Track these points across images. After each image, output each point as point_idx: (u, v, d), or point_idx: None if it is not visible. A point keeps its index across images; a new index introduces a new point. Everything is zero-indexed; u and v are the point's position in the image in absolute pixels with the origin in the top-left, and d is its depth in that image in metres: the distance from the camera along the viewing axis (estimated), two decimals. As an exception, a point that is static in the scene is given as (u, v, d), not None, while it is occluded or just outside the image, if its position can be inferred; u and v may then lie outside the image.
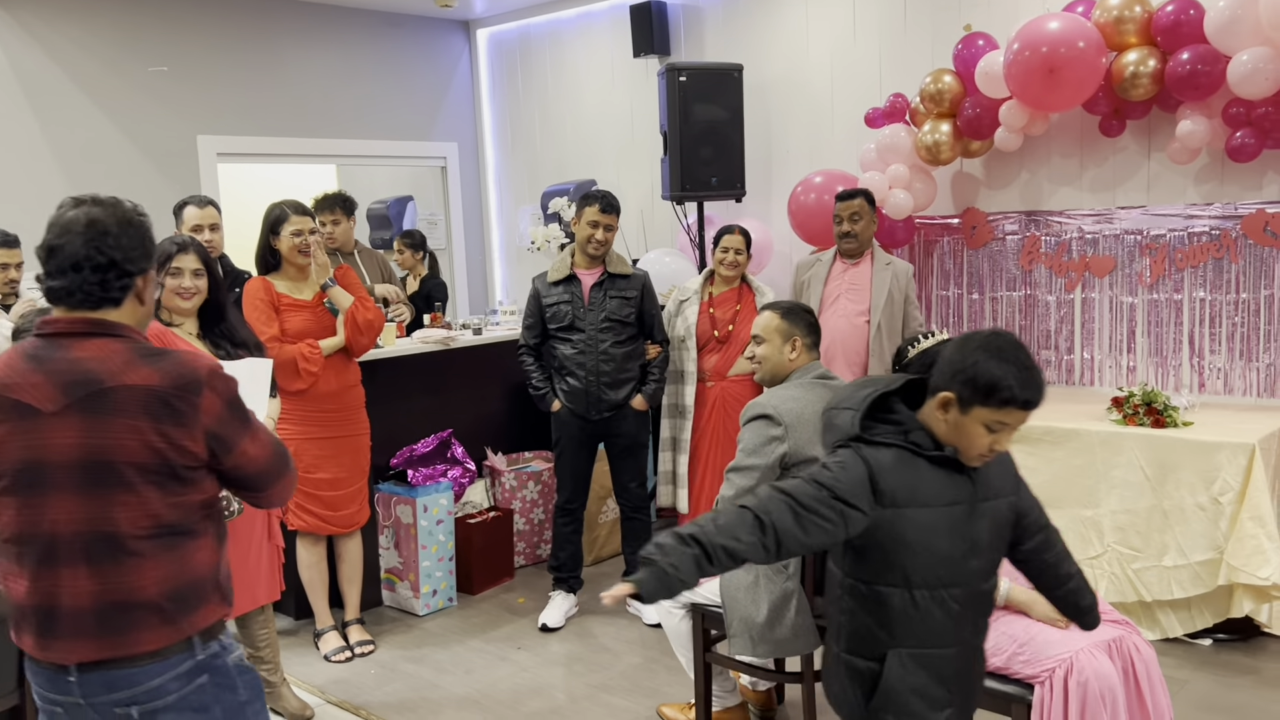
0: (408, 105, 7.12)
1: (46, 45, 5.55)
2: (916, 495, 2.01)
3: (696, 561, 1.90)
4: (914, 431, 2.04)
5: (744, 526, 1.93)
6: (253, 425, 1.95)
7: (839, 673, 2.16)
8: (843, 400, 2.13)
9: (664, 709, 3.50)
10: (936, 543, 2.01)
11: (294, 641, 4.31)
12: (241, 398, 1.93)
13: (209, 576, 1.95)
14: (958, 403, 1.97)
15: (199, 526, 1.93)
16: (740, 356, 4.40)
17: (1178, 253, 4.53)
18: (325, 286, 3.90)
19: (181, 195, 4.29)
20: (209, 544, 1.96)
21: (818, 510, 1.95)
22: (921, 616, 2.04)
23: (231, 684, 1.96)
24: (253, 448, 1.94)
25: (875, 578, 2.06)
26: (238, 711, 1.97)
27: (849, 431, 2.07)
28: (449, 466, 4.71)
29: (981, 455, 2.01)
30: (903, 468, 2.01)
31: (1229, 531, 3.72)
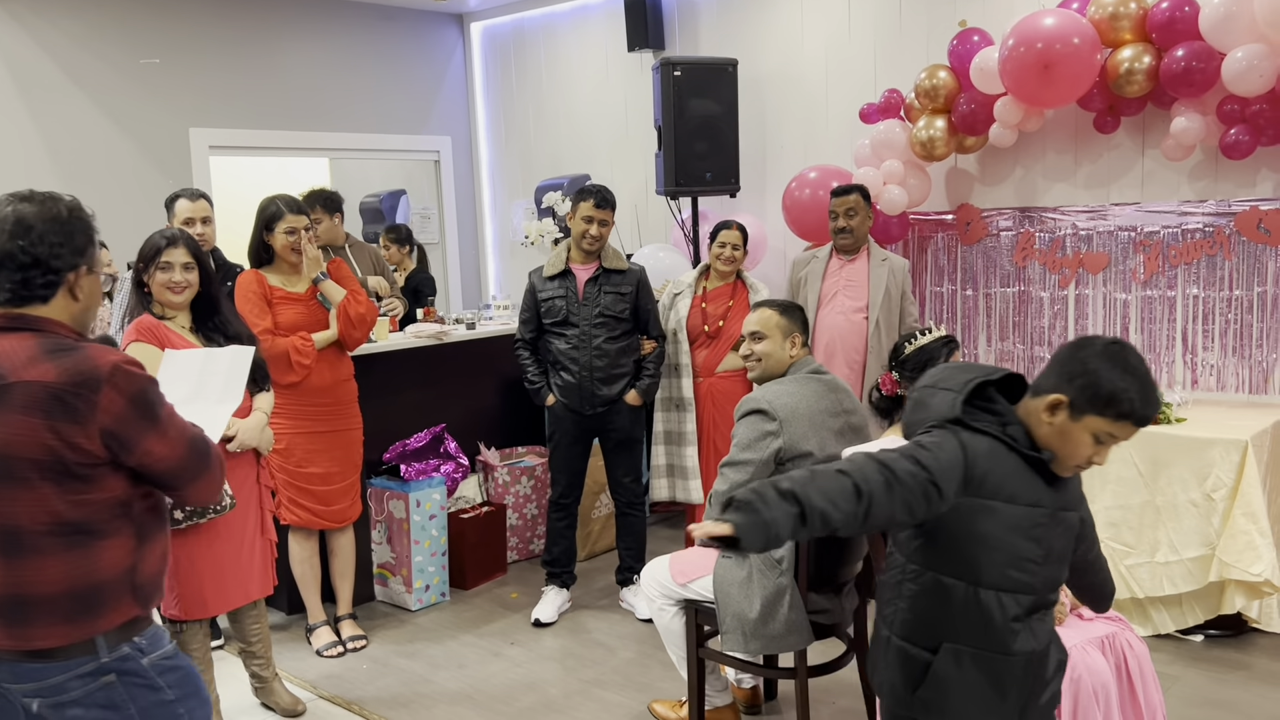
0: (401, 99, 7.10)
1: (38, 37, 5.51)
2: (1004, 490, 1.94)
3: (794, 521, 1.82)
4: (1012, 425, 1.98)
5: (844, 494, 1.85)
6: (162, 423, 1.91)
7: (889, 657, 2.11)
8: (940, 380, 2.07)
9: (655, 705, 3.50)
10: (1014, 542, 1.95)
11: (286, 636, 4.30)
12: (151, 395, 1.89)
13: (119, 577, 1.91)
14: (1069, 408, 1.91)
15: (109, 526, 1.89)
16: (729, 352, 4.41)
17: (1171, 249, 4.53)
18: (317, 281, 3.88)
19: (173, 188, 4.26)
20: (122, 544, 1.91)
21: (911, 487, 1.88)
22: (982, 616, 1.98)
23: (150, 684, 1.93)
24: (160, 446, 1.90)
25: (942, 567, 2.00)
26: (161, 710, 1.94)
27: (947, 413, 1.99)
28: (442, 461, 4.70)
29: (1079, 465, 1.96)
30: (996, 460, 1.95)
31: (1221, 528, 3.73)
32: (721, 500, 1.87)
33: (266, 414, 3.34)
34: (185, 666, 2.03)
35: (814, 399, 3.06)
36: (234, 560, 3.25)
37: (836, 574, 3.10)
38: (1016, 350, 5.03)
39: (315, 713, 3.65)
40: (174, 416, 1.95)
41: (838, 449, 3.01)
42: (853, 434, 3.11)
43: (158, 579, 2.01)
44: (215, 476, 2.04)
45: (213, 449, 2.03)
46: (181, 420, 1.97)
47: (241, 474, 3.26)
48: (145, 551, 1.96)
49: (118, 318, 4.00)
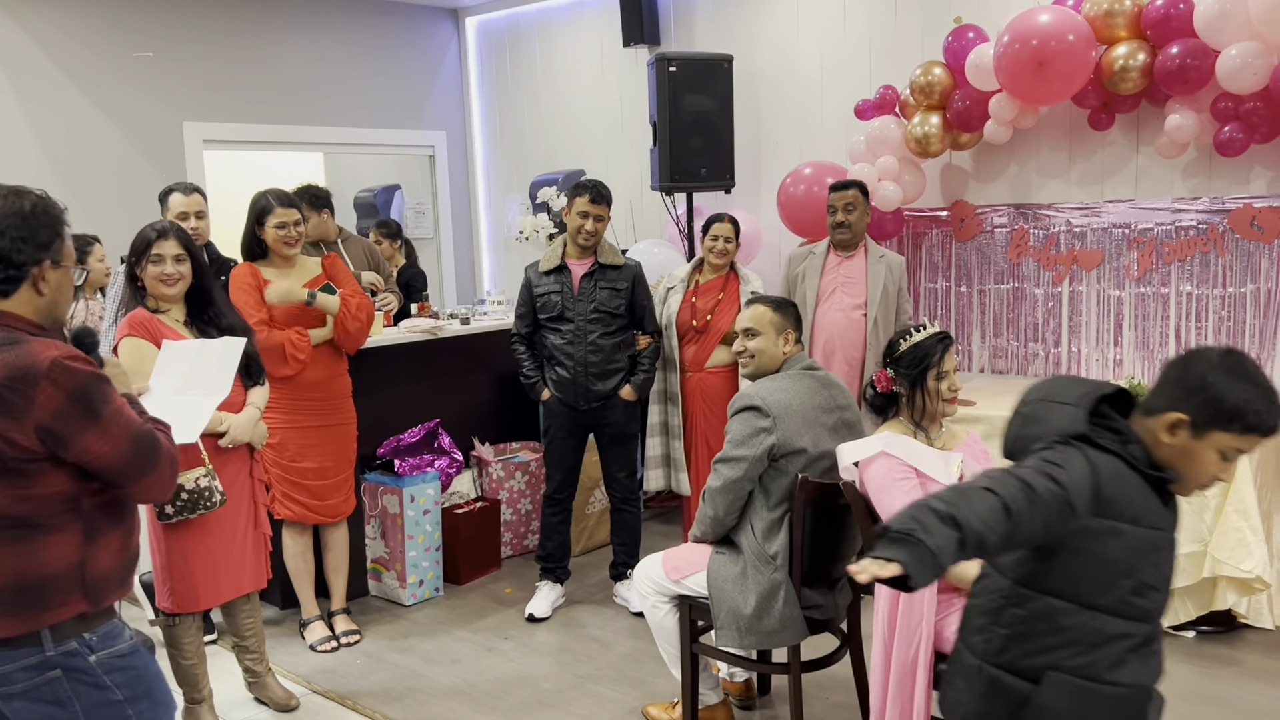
0: (396, 93, 7.09)
1: (31, 30, 5.49)
2: (1129, 511, 1.84)
3: (957, 546, 1.72)
4: (1132, 444, 1.88)
5: (995, 515, 1.75)
6: (103, 420, 1.87)
7: (977, 685, 1.98)
8: (1054, 394, 1.99)
9: (650, 709, 3.49)
10: (1138, 566, 1.85)
11: (279, 631, 4.29)
12: (93, 391, 1.87)
13: (66, 573, 1.90)
14: (1190, 426, 1.82)
15: (54, 521, 1.88)
16: (718, 346, 4.42)
17: (1165, 246, 4.54)
18: (309, 302, 3.87)
19: (167, 182, 4.25)
20: (69, 540, 1.90)
21: (1050, 505, 1.77)
22: (1096, 644, 1.88)
23: (95, 682, 1.92)
24: (99, 444, 1.87)
25: (1054, 590, 1.89)
26: (107, 710, 1.93)
27: (1070, 429, 1.88)
28: (436, 456, 4.70)
29: (1203, 485, 1.88)
30: (1121, 480, 1.85)
31: (1213, 525, 3.74)
32: (876, 533, 1.76)
33: (260, 409, 3.33)
34: (138, 667, 2.00)
35: (807, 395, 3.06)
36: (226, 554, 3.25)
37: (830, 569, 3.11)
38: (1010, 347, 5.04)
39: (309, 707, 3.65)
40: (120, 413, 1.91)
41: (831, 445, 3.01)
42: (846, 430, 3.12)
43: (113, 575, 1.98)
44: (163, 475, 1.99)
45: (162, 447, 1.99)
46: (129, 417, 1.93)
47: (234, 469, 3.26)
48: (97, 548, 1.95)
49: (111, 311, 3.99)
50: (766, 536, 3.00)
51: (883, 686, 2.71)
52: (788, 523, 2.99)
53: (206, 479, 3.09)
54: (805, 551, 2.98)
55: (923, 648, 2.63)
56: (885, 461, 2.75)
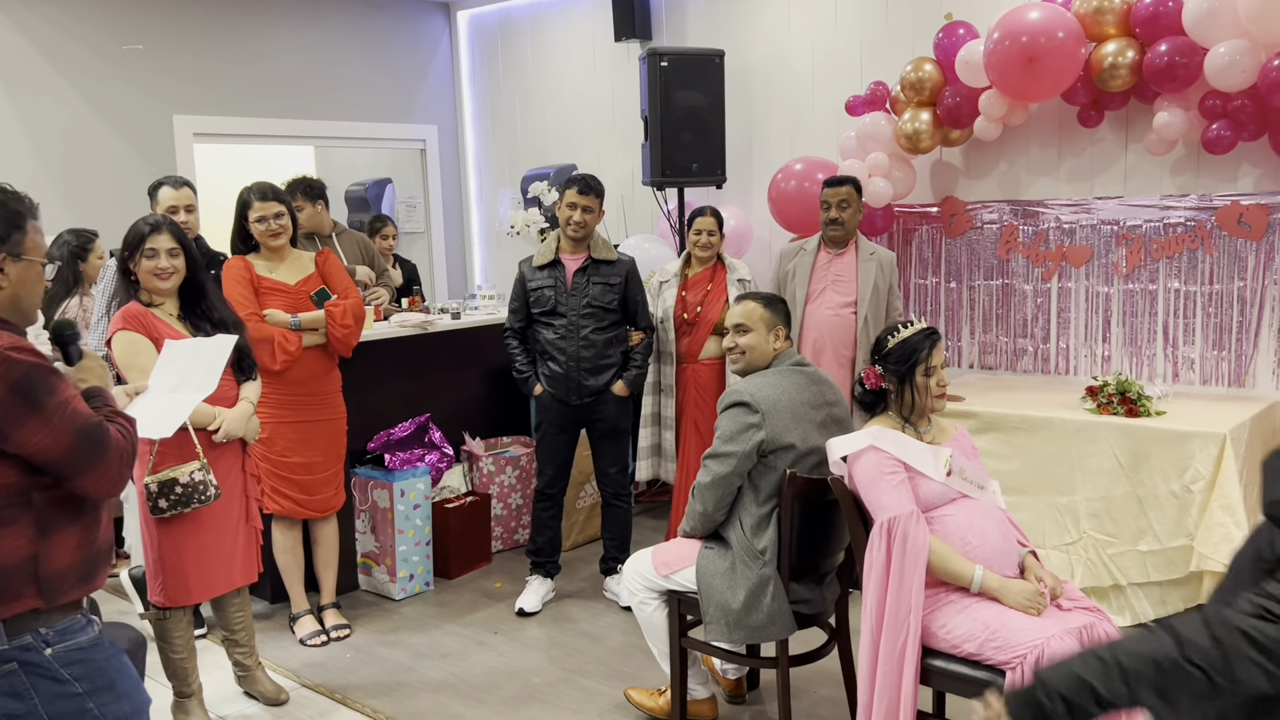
0: (387, 87, 7.07)
1: (20, 24, 5.46)
2: None
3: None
4: None
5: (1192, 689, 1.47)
6: (46, 411, 1.84)
7: None
8: None
9: (631, 693, 3.51)
10: None
11: (269, 625, 4.30)
12: (35, 383, 1.84)
13: (17, 568, 1.88)
14: None
15: (2, 515, 1.86)
16: (710, 337, 4.45)
17: (1153, 243, 4.56)
18: (295, 327, 3.87)
19: (157, 176, 4.24)
20: (18, 534, 1.88)
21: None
22: None
23: (52, 675, 1.91)
24: (41, 436, 1.84)
25: None
26: (67, 703, 1.92)
27: None
28: (426, 451, 4.70)
29: None
30: None
31: (1199, 519, 3.76)
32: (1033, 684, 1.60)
33: (253, 404, 3.33)
34: (99, 660, 1.98)
35: (796, 391, 3.07)
36: (218, 548, 3.25)
37: (819, 564, 3.12)
38: (1000, 343, 5.06)
39: (298, 701, 3.65)
40: (65, 405, 1.88)
41: (820, 441, 3.02)
42: (835, 426, 3.13)
43: (71, 572, 1.95)
44: (110, 469, 1.94)
45: (110, 440, 1.94)
46: (75, 409, 1.90)
47: (227, 463, 3.26)
48: (50, 543, 1.92)
49: (101, 305, 3.98)
50: (755, 532, 3.02)
51: (870, 680, 2.72)
52: (776, 518, 3.00)
53: (201, 473, 3.09)
54: (794, 546, 2.99)
55: (910, 642, 2.64)
56: (874, 456, 2.76)
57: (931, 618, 2.68)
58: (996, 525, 2.78)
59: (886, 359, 2.87)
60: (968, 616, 2.63)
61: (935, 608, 2.69)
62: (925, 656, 2.68)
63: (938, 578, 2.70)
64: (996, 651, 2.55)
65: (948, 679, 2.67)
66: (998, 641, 2.56)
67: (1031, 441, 4.12)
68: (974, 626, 2.61)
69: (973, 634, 2.60)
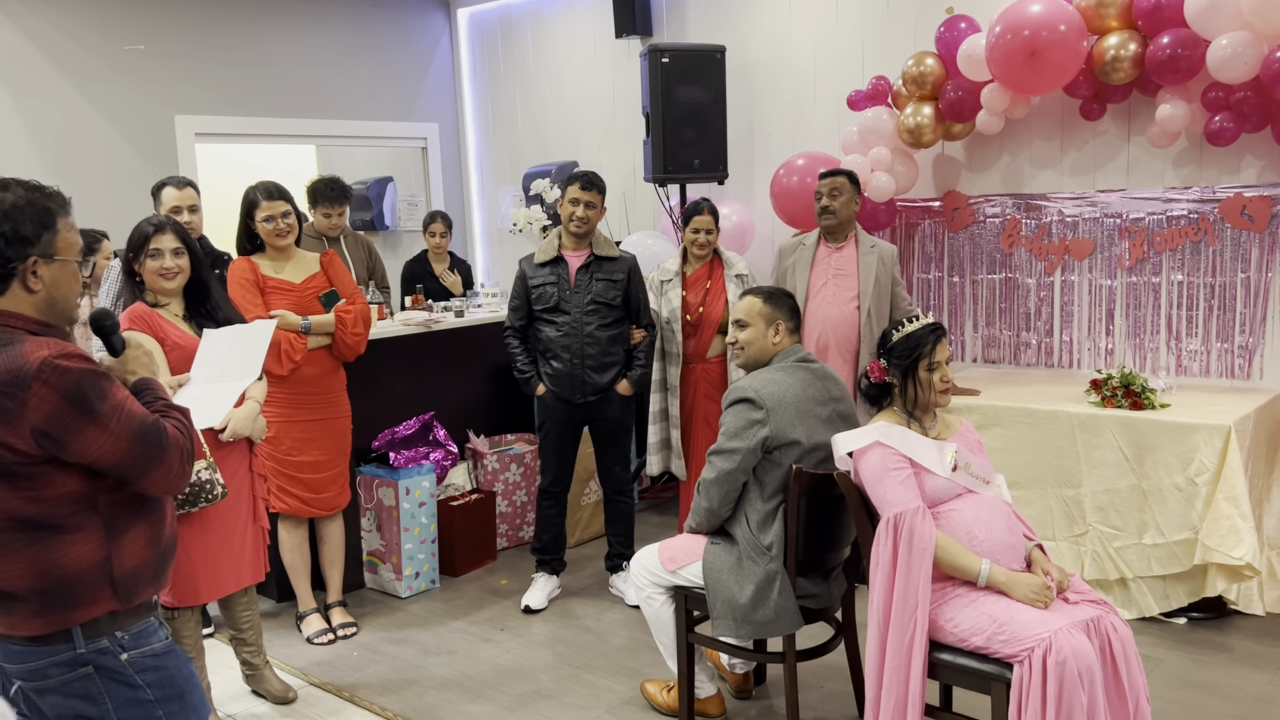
0: (388, 85, 7.07)
1: (21, 24, 5.47)
2: None
3: None
4: None
5: None
6: (101, 417, 1.82)
7: None
8: None
9: (647, 685, 3.52)
10: None
11: (276, 624, 4.31)
12: (88, 389, 1.82)
13: (90, 570, 1.88)
14: None
15: (71, 521, 1.86)
16: (715, 336, 4.43)
17: (1156, 236, 4.56)
18: (305, 331, 3.88)
19: (159, 176, 4.25)
20: (89, 538, 1.88)
21: None
22: None
23: (127, 680, 1.92)
24: (100, 441, 1.82)
25: None
26: (138, 709, 1.93)
27: None
28: (431, 449, 4.71)
29: None
30: None
31: (1204, 512, 3.77)
32: None
33: (259, 403, 3.34)
34: (171, 668, 1.99)
35: (801, 387, 3.07)
36: (225, 547, 3.26)
37: (825, 559, 3.13)
38: (1003, 336, 5.06)
39: (306, 700, 3.66)
40: (120, 408, 1.85)
41: (826, 437, 3.02)
42: (841, 422, 3.12)
43: (144, 570, 1.96)
44: (173, 467, 1.92)
45: (169, 438, 1.92)
46: (131, 411, 1.87)
47: (234, 462, 3.27)
48: (121, 544, 1.92)
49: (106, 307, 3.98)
50: (761, 527, 3.02)
51: (878, 675, 2.73)
52: (782, 513, 3.01)
53: (208, 472, 3.10)
54: (800, 542, 3.00)
55: (917, 636, 2.65)
56: (880, 451, 2.76)
57: (938, 612, 2.69)
58: (1003, 519, 2.78)
59: (891, 352, 2.87)
60: (975, 610, 2.64)
61: (942, 602, 2.70)
62: (932, 650, 2.69)
63: (945, 572, 2.70)
64: (1004, 645, 2.56)
65: (955, 672, 2.68)
66: (1005, 635, 2.57)
67: (1036, 435, 4.12)
68: (981, 620, 2.62)
69: (980, 627, 2.61)
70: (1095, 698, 2.48)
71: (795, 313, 3.24)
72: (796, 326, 3.23)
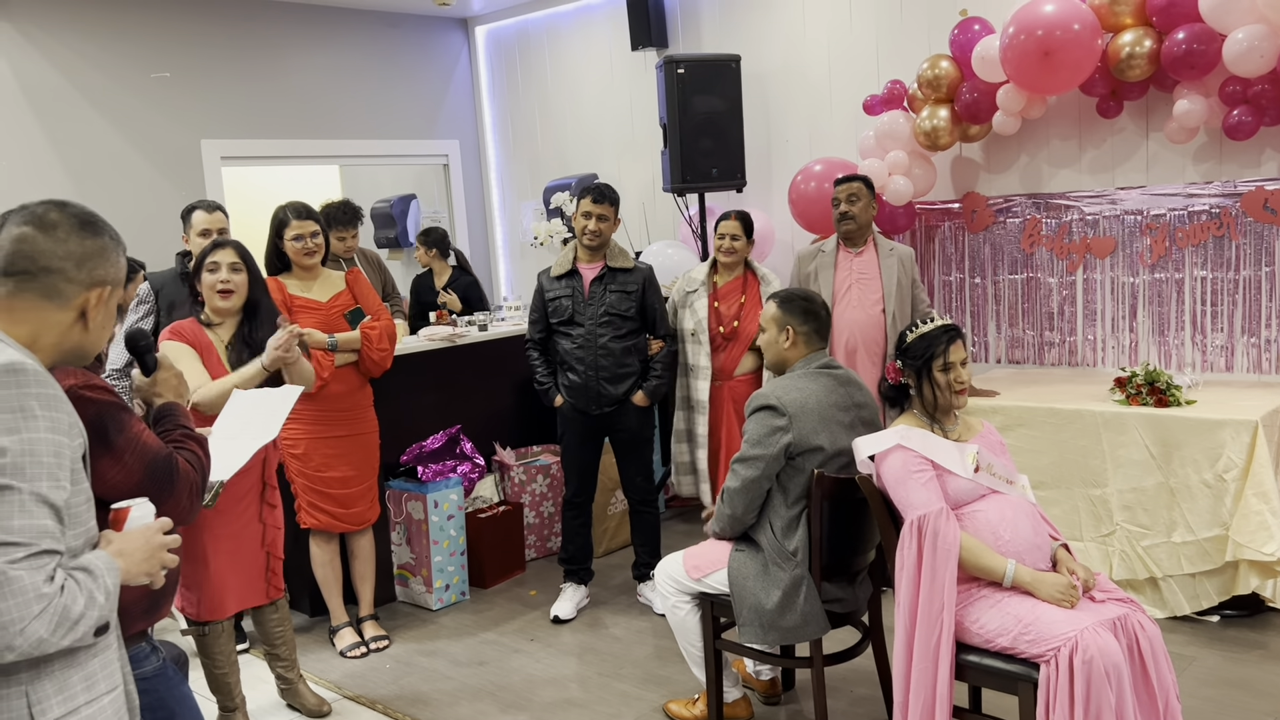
0: (409, 104, 7.16)
1: (49, 55, 5.59)
2: None
3: None
4: None
5: None
6: (117, 449, 1.84)
7: None
8: None
9: (670, 706, 3.52)
10: None
11: (309, 638, 4.36)
12: (107, 420, 1.83)
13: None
14: None
15: None
16: (745, 354, 4.38)
17: (1178, 232, 4.54)
18: (332, 348, 3.93)
19: (187, 200, 4.33)
20: None
21: None
22: None
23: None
24: (113, 473, 1.84)
25: None
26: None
27: None
28: (458, 462, 4.75)
29: None
30: None
31: (1234, 508, 3.74)
32: None
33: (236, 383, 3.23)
34: (161, 690, 2.02)
35: (824, 393, 3.08)
36: (233, 566, 3.26)
37: (850, 563, 3.13)
38: (1026, 337, 5.05)
39: (340, 712, 3.71)
40: (136, 441, 1.88)
41: (849, 443, 3.02)
42: (864, 428, 3.11)
43: (137, 604, 1.94)
44: (181, 501, 1.94)
45: (179, 473, 1.95)
46: (145, 444, 1.90)
47: (244, 487, 3.27)
48: None
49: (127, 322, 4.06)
50: (785, 533, 3.03)
51: (905, 678, 2.73)
52: (806, 519, 3.02)
53: None
54: (825, 546, 3.01)
55: (944, 638, 2.65)
56: (901, 454, 2.77)
57: (964, 613, 2.69)
58: (1027, 519, 2.78)
59: (906, 354, 2.89)
60: (1000, 611, 2.64)
61: (968, 603, 2.70)
62: (959, 652, 2.69)
63: (970, 573, 2.70)
64: (1030, 645, 2.56)
65: (983, 674, 2.68)
66: (1031, 635, 2.57)
67: (1061, 434, 4.11)
68: (1007, 621, 2.62)
69: (1006, 628, 2.61)
70: (1123, 696, 2.48)
71: (809, 316, 3.18)
72: (815, 330, 3.19)
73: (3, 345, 1.58)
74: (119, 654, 1.74)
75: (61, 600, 1.49)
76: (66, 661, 1.59)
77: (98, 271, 1.72)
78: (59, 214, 1.70)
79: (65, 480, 1.55)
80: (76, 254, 1.69)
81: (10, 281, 1.65)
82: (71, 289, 1.69)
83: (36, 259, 1.66)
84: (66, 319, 1.69)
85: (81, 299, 1.70)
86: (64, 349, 1.72)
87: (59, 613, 1.48)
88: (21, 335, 1.65)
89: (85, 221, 1.72)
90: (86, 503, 1.64)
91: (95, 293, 1.72)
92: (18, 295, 1.66)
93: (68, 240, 1.68)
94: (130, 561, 1.68)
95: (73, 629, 1.51)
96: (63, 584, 1.50)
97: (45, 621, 1.47)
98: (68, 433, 1.57)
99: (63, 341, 1.71)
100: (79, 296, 1.70)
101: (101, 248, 1.73)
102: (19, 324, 1.65)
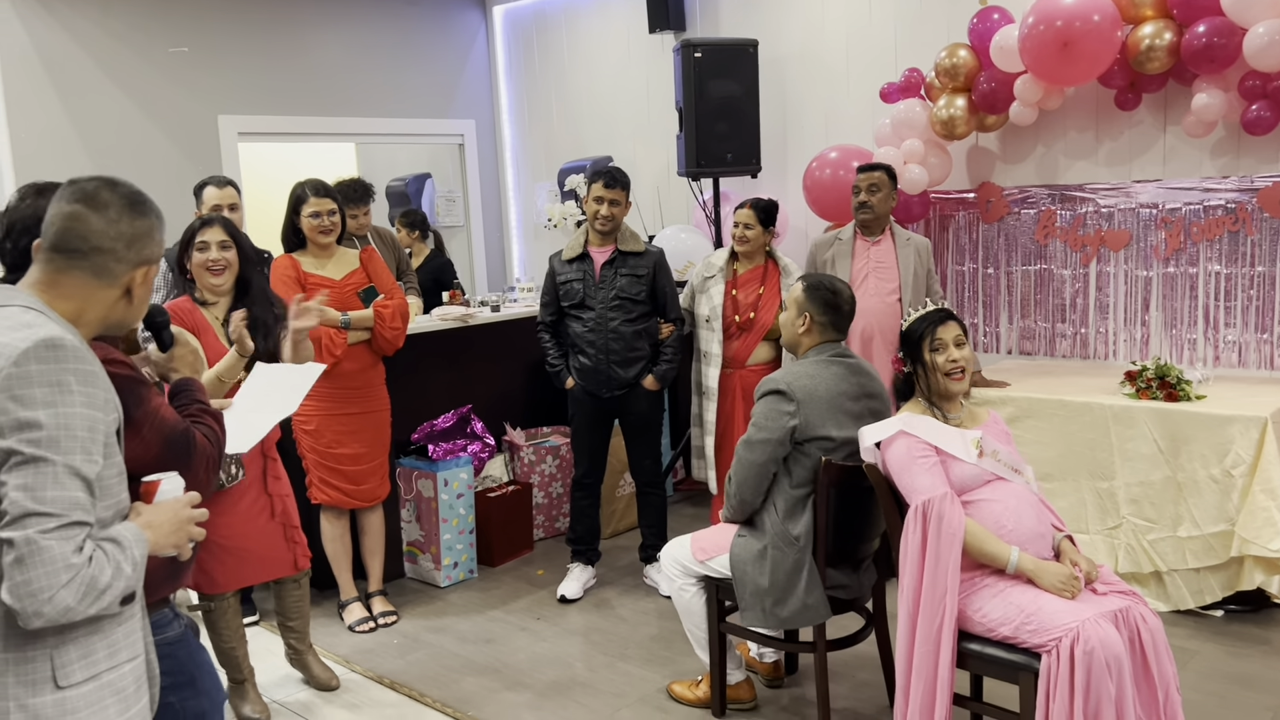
0: (425, 83, 7.16)
1: (69, 27, 5.61)
2: None
3: None
4: None
5: None
6: (135, 423, 1.83)
7: None
8: None
9: (674, 686, 3.56)
10: None
11: (318, 613, 4.40)
12: (125, 395, 1.79)
13: None
14: None
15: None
16: (760, 344, 4.34)
17: (1193, 226, 4.52)
18: (345, 326, 3.94)
19: (203, 175, 4.35)
20: None
21: None
22: None
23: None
24: (131, 445, 1.82)
25: None
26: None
27: None
28: (469, 441, 4.78)
29: None
30: None
31: (1240, 504, 3.74)
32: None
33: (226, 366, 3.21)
34: (181, 656, 2.04)
35: (834, 382, 3.09)
36: (243, 539, 3.28)
37: (855, 550, 3.15)
38: (1038, 328, 5.04)
39: (348, 686, 3.76)
40: (153, 415, 1.88)
41: (857, 432, 3.03)
42: (874, 418, 3.10)
43: (158, 571, 1.93)
44: (198, 475, 1.95)
45: (196, 447, 1.95)
46: (163, 419, 1.91)
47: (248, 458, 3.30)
48: None
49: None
50: (789, 517, 3.05)
51: (907, 664, 2.76)
52: (811, 504, 3.04)
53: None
54: (830, 533, 3.03)
55: (946, 625, 2.67)
56: (905, 441, 2.79)
57: (967, 602, 2.71)
58: (1032, 509, 2.79)
59: (904, 341, 2.91)
60: (1003, 600, 2.66)
61: (970, 592, 2.72)
62: (961, 640, 2.71)
63: (974, 559, 2.72)
64: (1032, 635, 2.58)
65: (984, 662, 2.70)
66: (1033, 625, 2.58)
67: (1070, 427, 4.11)
68: (1009, 610, 2.63)
69: (1008, 618, 2.63)
70: (1124, 687, 2.49)
71: (830, 309, 3.18)
72: (832, 323, 3.19)
73: (45, 319, 1.61)
74: (143, 624, 1.78)
75: (89, 570, 1.52)
76: (91, 628, 1.63)
77: (145, 251, 1.75)
78: (110, 193, 1.72)
79: (98, 454, 1.58)
80: (127, 235, 1.71)
81: (60, 258, 1.68)
82: (121, 268, 1.71)
83: (89, 238, 1.68)
84: (112, 296, 1.73)
85: (129, 277, 1.73)
86: (108, 323, 1.76)
87: (86, 582, 1.52)
88: (67, 310, 1.68)
89: (135, 201, 1.75)
90: (118, 476, 1.67)
91: (141, 271, 1.75)
92: (66, 272, 1.69)
93: (119, 221, 1.71)
94: (158, 533, 1.72)
95: (99, 598, 1.54)
96: (91, 555, 1.53)
97: (73, 590, 1.51)
98: (103, 408, 1.60)
99: (108, 316, 1.74)
100: (126, 275, 1.73)
101: (149, 228, 1.76)
102: (66, 299, 1.69)
